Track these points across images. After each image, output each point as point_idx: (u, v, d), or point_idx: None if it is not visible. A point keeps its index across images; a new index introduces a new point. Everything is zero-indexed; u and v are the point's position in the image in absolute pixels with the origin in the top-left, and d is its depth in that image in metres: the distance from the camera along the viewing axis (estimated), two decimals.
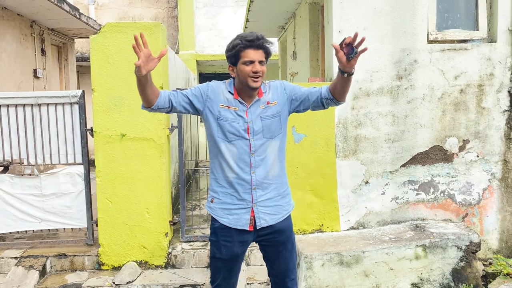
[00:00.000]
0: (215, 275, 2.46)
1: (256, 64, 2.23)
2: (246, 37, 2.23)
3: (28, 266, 3.98)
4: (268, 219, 2.36)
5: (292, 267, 2.50)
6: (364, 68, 4.17)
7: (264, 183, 2.33)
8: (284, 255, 2.45)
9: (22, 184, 4.24)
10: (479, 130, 4.31)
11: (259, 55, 2.24)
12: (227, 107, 2.31)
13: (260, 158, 2.31)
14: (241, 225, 2.34)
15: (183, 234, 4.36)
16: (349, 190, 4.26)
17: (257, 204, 2.33)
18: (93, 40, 4.01)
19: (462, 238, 3.88)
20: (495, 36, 4.30)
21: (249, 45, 2.23)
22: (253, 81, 2.24)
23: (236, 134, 2.29)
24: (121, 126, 4.04)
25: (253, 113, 2.32)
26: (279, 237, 2.42)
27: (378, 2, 4.14)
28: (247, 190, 2.32)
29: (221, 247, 2.38)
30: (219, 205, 2.38)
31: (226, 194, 2.36)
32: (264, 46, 2.25)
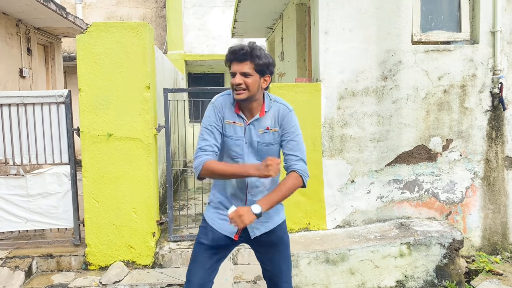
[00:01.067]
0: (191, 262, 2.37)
1: (237, 76, 2.17)
2: (232, 49, 2.20)
3: (13, 267, 3.95)
4: (261, 228, 2.37)
5: (285, 269, 2.45)
6: (349, 68, 4.23)
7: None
8: (277, 257, 2.43)
9: (7, 184, 4.21)
10: (462, 130, 4.40)
11: (242, 67, 2.16)
12: (233, 122, 2.27)
13: (255, 179, 2.29)
14: (228, 232, 2.35)
15: (170, 234, 4.37)
16: (335, 189, 4.31)
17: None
18: (79, 39, 4.00)
19: (446, 236, 3.95)
20: (478, 37, 4.39)
21: (233, 58, 2.19)
22: (235, 93, 2.20)
23: (239, 152, 2.27)
24: (107, 126, 4.03)
25: (252, 135, 2.27)
26: (272, 238, 2.41)
27: (364, 4, 4.20)
28: (241, 204, 2.31)
29: (208, 232, 2.36)
30: (213, 209, 2.42)
31: (221, 202, 2.39)
32: (249, 56, 2.16)
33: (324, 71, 4.21)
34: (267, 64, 2.20)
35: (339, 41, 4.21)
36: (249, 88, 2.18)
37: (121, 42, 4.00)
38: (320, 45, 4.19)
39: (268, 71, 2.22)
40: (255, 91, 2.21)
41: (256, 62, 2.16)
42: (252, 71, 2.17)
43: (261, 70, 2.19)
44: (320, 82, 4.22)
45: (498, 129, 4.44)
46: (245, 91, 2.18)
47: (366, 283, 3.86)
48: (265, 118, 2.28)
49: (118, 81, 4.01)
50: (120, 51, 4.00)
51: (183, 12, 10.82)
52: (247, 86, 2.17)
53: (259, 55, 2.17)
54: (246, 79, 2.17)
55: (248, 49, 2.16)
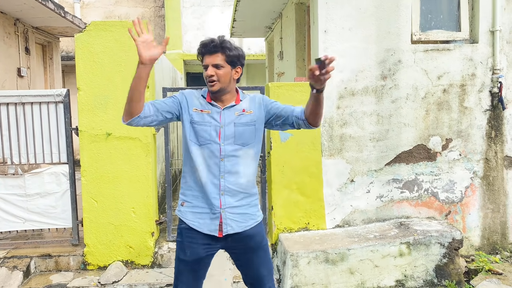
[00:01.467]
0: (177, 279, 2.39)
1: (209, 68, 2.22)
2: (203, 42, 2.25)
3: (11, 267, 3.93)
4: (234, 226, 2.32)
5: (266, 274, 2.42)
6: (349, 67, 4.22)
7: (233, 189, 2.31)
8: (255, 262, 2.40)
9: (5, 184, 4.19)
10: (461, 129, 4.39)
11: (214, 58, 2.21)
12: (200, 110, 2.30)
13: (230, 163, 2.29)
14: (210, 230, 2.31)
15: (169, 234, 4.35)
16: (334, 189, 4.30)
17: (225, 210, 2.30)
18: (78, 38, 3.98)
19: (445, 235, 3.95)
20: (477, 37, 4.39)
21: (204, 51, 2.24)
22: (209, 85, 2.25)
23: (207, 137, 2.28)
24: (106, 125, 4.02)
25: (227, 118, 2.30)
26: (249, 243, 2.37)
27: (363, 3, 4.19)
28: (216, 195, 2.29)
29: (185, 248, 2.33)
30: (190, 209, 2.35)
31: (196, 198, 2.33)
32: (219, 48, 2.20)
33: None
34: (237, 55, 2.26)
35: (338, 40, 4.20)
36: (221, 79, 2.24)
37: (120, 41, 3.98)
38: (320, 44, 4.18)
39: (239, 63, 2.29)
40: (227, 82, 2.27)
41: (227, 53, 2.22)
42: (224, 62, 2.23)
43: (232, 61, 2.25)
44: None
45: (498, 128, 4.43)
46: (217, 83, 2.24)
47: (365, 282, 3.85)
48: (240, 105, 2.35)
49: (117, 80, 3.99)
50: (119, 50, 3.99)
51: (182, 12, 10.80)
52: (219, 78, 2.23)
53: (229, 47, 2.23)
54: (218, 70, 2.22)
55: (218, 41, 2.23)
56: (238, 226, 2.34)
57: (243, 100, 2.37)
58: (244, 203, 2.36)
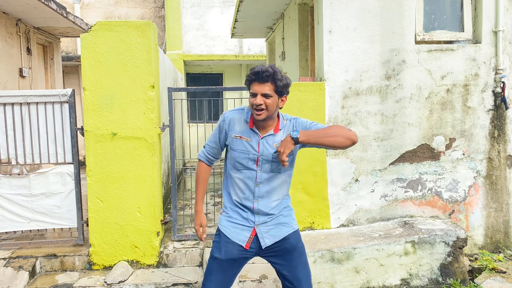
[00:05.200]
0: (206, 278, 2.44)
1: (258, 97, 2.25)
2: (254, 70, 2.28)
3: (17, 267, 3.92)
4: (271, 238, 2.40)
5: (303, 277, 2.43)
6: (353, 67, 4.25)
7: (265, 212, 2.40)
8: (291, 263, 2.43)
9: (10, 184, 4.18)
10: (464, 129, 4.42)
11: (264, 88, 2.25)
12: (239, 137, 2.36)
13: (265, 190, 2.38)
14: (239, 240, 2.40)
15: (174, 233, 4.36)
16: (339, 188, 4.32)
17: (259, 226, 2.40)
18: (83, 38, 3.98)
19: (450, 234, 3.97)
20: (480, 37, 4.42)
21: (254, 79, 2.27)
22: (256, 114, 2.29)
23: (245, 165, 2.36)
24: (112, 125, 4.02)
25: (266, 148, 2.34)
26: (283, 244, 2.42)
27: (367, 3, 4.22)
28: (250, 214, 2.41)
29: (221, 247, 2.41)
30: (226, 217, 2.47)
31: (233, 211, 2.45)
32: (271, 78, 2.24)
33: (328, 70, 4.22)
34: (286, 85, 2.30)
35: (343, 40, 4.22)
36: (269, 108, 2.27)
37: (125, 41, 3.99)
38: (324, 44, 4.20)
39: (285, 92, 2.33)
40: (273, 111, 2.31)
41: (278, 84, 2.26)
42: (272, 92, 2.26)
43: (281, 91, 2.29)
44: (324, 82, 4.23)
45: (501, 128, 4.47)
46: (264, 111, 2.27)
47: (371, 281, 3.87)
48: (279, 135, 2.37)
49: (123, 80, 3.99)
50: (124, 50, 3.99)
51: (182, 12, 10.80)
52: (267, 106, 2.26)
53: (280, 78, 2.27)
54: (266, 100, 2.25)
55: (271, 71, 2.25)
56: (273, 237, 2.41)
57: (282, 130, 2.39)
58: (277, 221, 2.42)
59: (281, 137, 2.36)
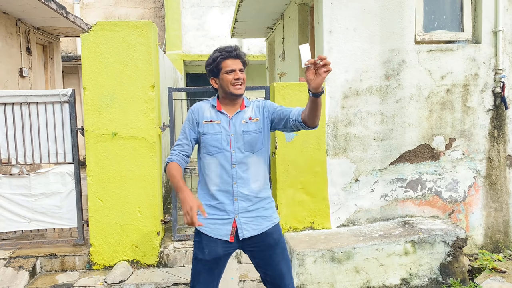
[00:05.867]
0: (194, 280, 2.43)
1: (237, 71, 2.37)
2: (224, 48, 2.40)
3: (17, 267, 3.93)
4: (250, 230, 2.41)
5: (285, 272, 2.47)
6: (353, 67, 4.25)
7: (246, 195, 2.40)
8: (274, 259, 2.44)
9: (10, 184, 4.18)
10: (464, 129, 4.43)
11: (238, 64, 2.39)
12: (210, 121, 2.42)
13: (242, 170, 2.40)
14: (222, 235, 2.40)
15: (174, 233, 4.36)
16: (339, 188, 4.32)
17: (239, 215, 2.40)
18: (84, 38, 3.99)
19: (450, 234, 3.98)
20: (480, 37, 4.42)
21: (228, 56, 2.38)
22: (236, 88, 2.38)
23: (219, 147, 2.39)
24: (112, 125, 4.02)
25: (236, 126, 2.41)
26: (266, 240, 2.43)
27: (367, 3, 4.22)
28: (229, 201, 2.39)
29: (204, 247, 2.40)
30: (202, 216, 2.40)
31: (209, 207, 2.43)
32: (241, 56, 2.41)
33: None
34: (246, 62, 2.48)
35: (343, 40, 4.23)
36: (244, 82, 2.42)
37: (125, 41, 3.99)
38: (324, 44, 4.21)
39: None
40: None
41: (244, 61, 2.45)
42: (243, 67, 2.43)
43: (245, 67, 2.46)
44: (324, 82, 4.22)
45: (500, 128, 4.47)
46: (243, 86, 2.41)
47: (371, 281, 3.87)
48: (245, 112, 2.46)
49: (123, 80, 4.00)
50: (124, 50, 4.00)
51: (182, 12, 10.80)
52: (243, 81, 2.41)
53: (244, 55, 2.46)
54: (242, 75, 2.41)
55: (239, 49, 2.43)
56: (253, 230, 2.42)
57: (248, 107, 2.49)
58: (258, 206, 2.44)
59: (249, 113, 2.45)
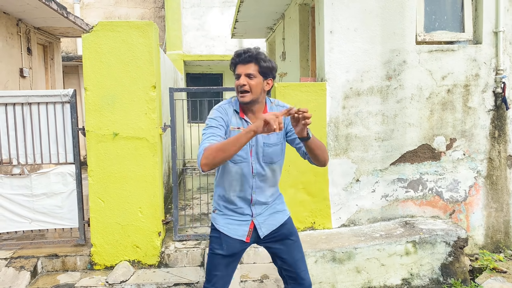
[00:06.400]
0: (211, 273, 2.43)
1: (241, 77, 2.22)
2: (237, 52, 2.26)
3: (18, 267, 3.93)
4: (268, 227, 2.46)
5: (300, 258, 2.52)
6: (355, 68, 4.26)
7: (263, 202, 2.43)
8: (291, 247, 2.49)
9: (11, 184, 4.18)
10: (465, 129, 4.43)
11: (247, 68, 2.21)
12: (237, 128, 2.31)
13: (260, 179, 2.38)
14: (239, 235, 2.42)
15: (176, 233, 4.36)
16: (340, 188, 4.33)
17: (256, 218, 2.43)
18: (85, 38, 3.99)
19: (451, 234, 3.98)
20: (481, 38, 4.43)
21: (238, 61, 2.24)
22: (240, 96, 2.24)
23: (244, 156, 2.32)
24: (113, 125, 4.02)
25: (257, 137, 2.30)
26: (281, 230, 2.48)
27: (369, 4, 4.23)
28: (247, 205, 2.41)
29: (222, 243, 2.42)
30: (220, 215, 2.47)
31: (228, 209, 2.44)
32: (254, 58, 2.21)
33: (329, 70, 4.23)
34: (270, 67, 2.25)
35: (344, 40, 4.23)
36: (252, 89, 2.21)
37: (127, 42, 3.99)
38: (325, 44, 4.21)
39: (271, 75, 2.28)
40: (258, 93, 2.25)
41: (261, 64, 2.22)
42: (256, 73, 2.22)
43: (265, 72, 2.24)
44: (325, 82, 4.24)
45: (501, 128, 4.48)
46: (248, 94, 2.22)
47: (372, 281, 3.88)
48: None
49: (124, 80, 4.00)
50: (126, 50, 4.00)
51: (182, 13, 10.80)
52: (251, 88, 2.21)
53: (263, 58, 2.23)
54: (250, 80, 2.21)
55: (253, 51, 2.23)
56: (271, 225, 2.46)
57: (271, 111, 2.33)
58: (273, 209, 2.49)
59: None
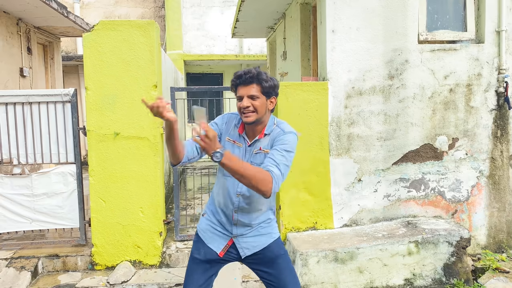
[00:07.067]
0: (188, 278, 2.36)
1: (244, 99, 2.17)
2: (237, 73, 2.22)
3: (19, 267, 3.91)
4: (251, 248, 2.34)
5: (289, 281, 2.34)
6: (357, 67, 4.24)
7: (245, 223, 2.32)
8: (279, 271, 2.34)
9: (12, 184, 4.17)
10: (467, 129, 4.42)
11: (249, 90, 2.17)
12: (232, 141, 2.28)
13: (245, 202, 2.28)
14: (214, 246, 2.34)
15: (177, 233, 4.35)
16: (342, 188, 4.31)
17: (238, 238, 2.34)
18: (86, 38, 3.97)
19: (453, 234, 3.96)
20: (483, 37, 4.41)
21: (238, 82, 2.20)
22: (244, 116, 2.19)
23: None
24: (114, 124, 4.00)
25: (247, 155, 2.26)
26: (265, 253, 2.35)
27: (371, 3, 4.21)
28: (229, 223, 2.33)
29: (200, 248, 2.36)
30: (206, 220, 2.41)
31: (214, 216, 2.39)
32: (255, 79, 2.17)
33: (331, 70, 4.21)
34: (273, 86, 2.21)
35: (346, 40, 4.21)
36: (258, 110, 2.18)
37: (128, 41, 3.98)
38: (327, 44, 4.20)
39: (274, 93, 2.24)
40: (263, 113, 2.22)
41: (263, 85, 2.18)
42: (259, 93, 2.18)
43: (268, 92, 2.20)
44: (327, 81, 4.22)
45: (503, 128, 4.46)
46: (253, 113, 2.18)
47: (374, 281, 3.86)
48: (261, 141, 2.26)
49: (125, 80, 3.98)
50: (127, 49, 3.98)
51: (182, 12, 10.80)
52: (255, 109, 2.17)
53: (265, 78, 2.19)
54: (253, 101, 2.17)
55: (254, 72, 2.18)
56: (253, 247, 2.35)
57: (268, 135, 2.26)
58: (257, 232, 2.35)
59: (266, 142, 2.23)
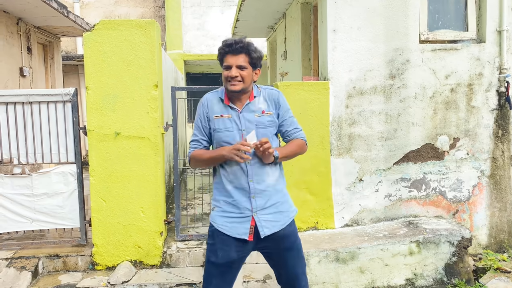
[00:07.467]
0: (205, 282, 2.34)
1: (233, 69, 2.20)
2: (226, 42, 2.24)
3: (20, 267, 3.90)
4: (270, 227, 2.30)
5: (300, 273, 2.40)
6: (358, 67, 4.23)
7: (263, 190, 2.29)
8: (290, 261, 2.36)
9: (12, 183, 4.15)
10: (469, 129, 4.41)
11: (238, 59, 2.20)
12: (220, 116, 2.30)
13: (257, 166, 2.28)
14: (240, 234, 2.29)
15: (178, 233, 4.33)
16: (343, 188, 4.30)
17: (257, 213, 2.29)
18: (86, 37, 3.96)
19: (455, 234, 3.96)
20: (484, 36, 4.41)
21: (227, 51, 2.22)
22: (230, 85, 2.23)
23: (231, 143, 2.26)
24: (115, 124, 3.99)
25: (247, 120, 2.29)
26: (283, 243, 2.35)
27: (372, 2, 4.20)
28: (246, 198, 2.28)
29: (217, 250, 2.30)
30: (219, 213, 2.35)
31: (226, 204, 2.33)
32: (245, 49, 2.21)
33: (332, 69, 4.20)
34: (260, 57, 2.27)
35: (347, 39, 4.20)
36: (244, 80, 2.23)
37: (128, 40, 3.96)
38: (328, 43, 4.19)
39: (259, 65, 2.30)
40: (249, 84, 2.28)
41: (252, 55, 2.22)
42: (247, 64, 2.22)
43: (254, 63, 2.25)
44: (328, 81, 4.21)
45: (505, 127, 4.46)
46: (240, 83, 2.23)
47: (376, 281, 3.85)
48: (255, 103, 2.33)
49: (126, 79, 3.97)
50: (127, 49, 3.97)
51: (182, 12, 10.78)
52: (243, 78, 2.22)
53: (254, 49, 2.24)
54: (241, 71, 2.22)
55: (245, 42, 2.22)
56: (273, 226, 2.31)
57: (258, 97, 2.34)
58: (274, 201, 2.33)
59: (261, 105, 2.32)
